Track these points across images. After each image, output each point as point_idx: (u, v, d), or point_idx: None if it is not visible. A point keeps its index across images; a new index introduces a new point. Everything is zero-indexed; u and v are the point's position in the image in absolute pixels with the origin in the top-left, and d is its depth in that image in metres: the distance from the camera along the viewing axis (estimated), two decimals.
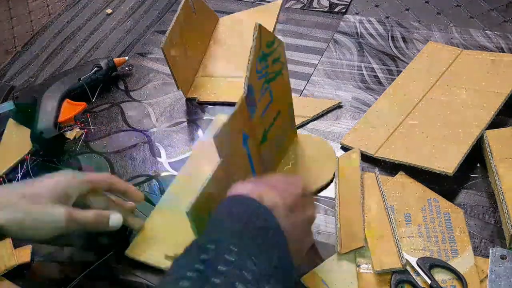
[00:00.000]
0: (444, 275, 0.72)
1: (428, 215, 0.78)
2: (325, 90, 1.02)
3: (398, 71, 1.02)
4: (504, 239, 0.75)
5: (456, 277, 0.72)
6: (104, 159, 0.97)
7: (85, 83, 1.06)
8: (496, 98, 0.89)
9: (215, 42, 1.15)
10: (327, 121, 0.96)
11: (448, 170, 0.80)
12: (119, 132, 1.01)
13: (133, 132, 1.01)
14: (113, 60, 1.10)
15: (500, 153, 0.81)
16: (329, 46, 1.11)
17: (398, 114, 0.92)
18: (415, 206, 0.80)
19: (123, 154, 0.97)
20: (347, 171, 0.85)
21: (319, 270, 0.75)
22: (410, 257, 0.73)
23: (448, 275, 0.72)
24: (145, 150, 0.97)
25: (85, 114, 1.04)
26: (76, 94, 1.05)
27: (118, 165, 0.95)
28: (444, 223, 0.77)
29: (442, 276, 0.72)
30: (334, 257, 0.76)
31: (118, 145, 0.99)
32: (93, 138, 1.01)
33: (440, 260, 0.73)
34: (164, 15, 1.27)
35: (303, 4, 1.23)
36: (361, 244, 0.75)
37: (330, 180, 0.86)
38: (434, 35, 1.09)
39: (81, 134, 1.01)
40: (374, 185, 0.83)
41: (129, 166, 0.95)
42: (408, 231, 0.77)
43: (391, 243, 0.75)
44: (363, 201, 0.80)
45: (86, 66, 1.09)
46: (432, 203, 0.80)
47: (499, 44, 1.04)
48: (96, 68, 1.08)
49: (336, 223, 0.79)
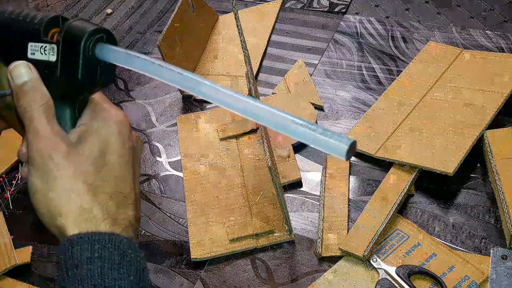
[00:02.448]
0: (424, 281, 0.73)
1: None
2: (325, 90, 1.02)
3: (398, 71, 1.02)
4: (504, 239, 0.75)
5: (435, 281, 0.72)
6: None
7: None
8: (496, 98, 0.89)
9: (214, 40, 1.15)
10: (327, 121, 0.96)
11: (448, 170, 0.80)
12: None
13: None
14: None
15: (500, 153, 0.81)
16: (329, 46, 1.11)
17: (398, 114, 0.92)
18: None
19: None
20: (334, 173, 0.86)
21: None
22: (389, 266, 0.74)
23: (427, 280, 0.73)
24: (145, 150, 0.97)
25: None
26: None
27: None
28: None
29: (422, 282, 0.73)
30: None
31: None
32: None
33: (419, 267, 0.73)
34: (164, 15, 1.27)
35: (303, 4, 1.23)
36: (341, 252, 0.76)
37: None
38: (434, 35, 1.09)
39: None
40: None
41: None
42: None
43: (369, 235, 0.76)
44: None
45: None
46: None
47: (499, 44, 1.04)
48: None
49: (319, 224, 0.80)
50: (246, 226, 0.82)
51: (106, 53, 0.41)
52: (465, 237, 0.78)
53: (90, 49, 0.41)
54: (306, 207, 0.85)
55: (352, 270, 0.75)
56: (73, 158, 0.42)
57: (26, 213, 0.90)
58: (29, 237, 0.86)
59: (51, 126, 0.43)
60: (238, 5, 1.26)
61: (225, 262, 0.80)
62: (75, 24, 0.41)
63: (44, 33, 0.43)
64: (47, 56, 0.43)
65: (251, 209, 0.84)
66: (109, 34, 0.42)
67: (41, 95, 0.43)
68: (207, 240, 0.81)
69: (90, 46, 0.41)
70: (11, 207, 0.91)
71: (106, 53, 0.41)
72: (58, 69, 0.42)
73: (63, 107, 0.44)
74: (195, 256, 0.80)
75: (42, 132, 0.42)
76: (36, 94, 0.43)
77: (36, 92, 0.43)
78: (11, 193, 0.93)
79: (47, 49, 0.43)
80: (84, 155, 0.42)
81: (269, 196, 0.85)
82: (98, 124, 0.44)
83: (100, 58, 0.41)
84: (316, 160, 0.90)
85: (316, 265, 0.77)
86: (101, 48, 0.41)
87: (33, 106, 0.43)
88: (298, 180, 0.88)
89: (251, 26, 1.16)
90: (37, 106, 0.43)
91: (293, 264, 0.78)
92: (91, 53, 0.41)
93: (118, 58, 0.41)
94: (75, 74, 0.41)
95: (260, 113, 0.36)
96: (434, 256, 0.75)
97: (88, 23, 0.41)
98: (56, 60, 0.42)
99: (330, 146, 0.35)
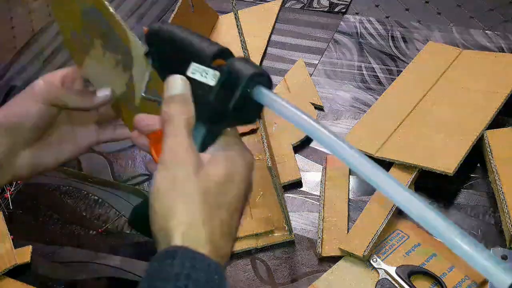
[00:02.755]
0: (424, 281, 0.73)
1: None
2: (325, 90, 1.02)
3: (398, 71, 1.02)
4: (504, 239, 0.75)
5: (435, 281, 0.72)
6: (104, 159, 0.97)
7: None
8: (496, 98, 0.89)
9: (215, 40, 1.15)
10: (327, 121, 0.96)
11: (448, 170, 0.80)
12: None
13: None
14: None
15: (500, 153, 0.81)
16: (329, 46, 1.11)
17: (398, 114, 0.92)
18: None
19: (123, 154, 0.97)
20: (334, 173, 0.86)
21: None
22: (389, 266, 0.74)
23: (427, 280, 0.73)
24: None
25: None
26: None
27: (118, 165, 0.95)
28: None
29: (422, 282, 0.72)
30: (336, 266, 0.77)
31: (118, 145, 0.99)
32: None
33: (419, 267, 0.73)
34: (164, 15, 1.27)
35: (303, 4, 1.23)
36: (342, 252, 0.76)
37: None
38: (434, 35, 1.09)
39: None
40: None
41: (129, 166, 0.95)
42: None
43: (369, 235, 0.76)
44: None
45: None
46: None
47: (499, 44, 1.04)
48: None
49: (319, 224, 0.80)
50: (246, 226, 0.82)
51: (262, 96, 0.44)
52: None
53: (249, 87, 0.45)
54: (306, 207, 0.85)
55: (352, 270, 0.75)
56: (201, 175, 0.44)
57: (26, 213, 0.90)
58: (29, 237, 0.86)
59: (189, 139, 0.46)
60: (238, 5, 1.26)
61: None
62: (242, 61, 0.46)
63: (211, 60, 0.47)
64: (206, 80, 0.47)
65: (251, 209, 0.84)
66: (269, 80, 0.46)
67: (188, 109, 0.47)
68: None
69: (250, 86, 0.44)
70: (11, 207, 0.91)
71: (262, 96, 0.44)
72: (213, 94, 0.46)
73: (201, 129, 0.47)
74: None
75: (180, 140, 0.45)
76: (184, 106, 0.47)
77: (185, 105, 0.47)
78: (11, 193, 0.93)
79: (209, 74, 0.47)
80: (211, 177, 0.44)
81: (269, 196, 0.85)
82: (231, 155, 0.46)
83: (254, 99, 0.45)
84: (316, 160, 0.90)
85: (316, 265, 0.77)
86: (259, 91, 0.44)
87: (179, 115, 0.46)
88: (298, 180, 0.88)
89: (251, 26, 1.16)
90: (183, 117, 0.46)
91: (293, 264, 0.78)
92: (249, 91, 0.45)
93: (271, 104, 0.44)
94: (227, 103, 0.45)
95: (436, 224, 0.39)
96: (434, 256, 0.75)
97: (253, 64, 0.45)
98: (215, 86, 0.46)
99: (494, 274, 0.35)
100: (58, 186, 0.94)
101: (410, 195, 0.39)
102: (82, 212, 0.90)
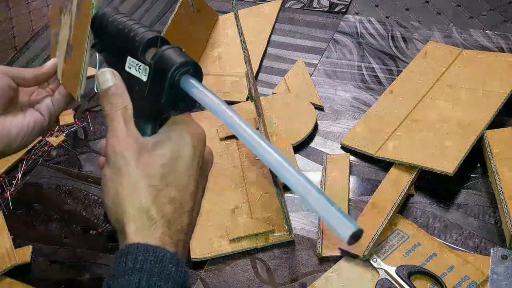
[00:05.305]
0: (424, 281, 0.73)
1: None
2: (325, 90, 1.02)
3: (398, 71, 1.02)
4: (504, 239, 0.75)
5: (435, 281, 0.72)
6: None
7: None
8: (496, 98, 0.89)
9: (214, 40, 1.15)
10: (327, 121, 0.96)
11: (448, 170, 0.80)
12: None
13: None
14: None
15: (500, 153, 0.81)
16: (329, 46, 1.11)
17: (398, 114, 0.92)
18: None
19: None
20: (334, 173, 0.86)
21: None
22: (389, 266, 0.74)
23: (427, 280, 0.73)
24: None
25: (85, 113, 1.04)
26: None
27: None
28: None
29: (422, 282, 0.72)
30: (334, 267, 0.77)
31: None
32: (93, 137, 1.01)
33: (419, 267, 0.73)
34: (164, 15, 1.27)
35: (303, 4, 1.23)
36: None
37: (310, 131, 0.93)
38: (434, 35, 1.09)
39: (63, 140, 1.00)
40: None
41: None
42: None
43: (369, 235, 0.76)
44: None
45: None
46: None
47: (499, 44, 1.04)
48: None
49: (319, 224, 0.80)
50: (246, 226, 0.82)
51: (188, 86, 0.45)
52: (465, 237, 0.78)
53: (175, 79, 0.45)
54: (306, 207, 0.85)
55: (352, 270, 0.75)
56: (144, 159, 0.46)
57: (26, 213, 0.90)
58: (29, 237, 0.86)
59: (127, 127, 0.47)
60: (238, 5, 1.26)
61: (225, 262, 0.80)
62: (168, 52, 0.45)
63: (142, 52, 0.47)
64: (140, 75, 0.47)
65: (251, 209, 0.84)
66: (196, 67, 0.45)
67: (121, 100, 0.48)
68: (207, 240, 0.81)
69: (176, 77, 0.45)
70: (11, 207, 0.91)
71: (188, 86, 0.45)
72: (146, 89, 0.47)
73: (146, 119, 0.48)
74: (195, 256, 0.80)
75: (118, 132, 0.47)
76: (117, 98, 0.48)
77: (118, 97, 0.48)
78: (11, 193, 0.93)
79: (141, 68, 0.47)
80: (155, 159, 0.46)
81: (269, 196, 0.85)
82: (175, 134, 0.47)
83: (183, 89, 0.45)
84: (316, 160, 0.90)
85: (316, 265, 0.77)
86: (184, 81, 0.45)
87: (114, 108, 0.47)
88: None
89: (251, 26, 1.16)
90: (117, 109, 0.47)
91: (293, 264, 0.78)
92: (176, 83, 0.45)
93: (195, 94, 0.45)
94: (159, 98, 0.46)
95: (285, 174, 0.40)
96: (434, 256, 0.75)
97: (179, 53, 0.45)
98: (146, 81, 0.46)
99: (339, 223, 0.37)
100: (58, 186, 0.93)
101: (272, 151, 0.41)
102: (82, 212, 0.90)
